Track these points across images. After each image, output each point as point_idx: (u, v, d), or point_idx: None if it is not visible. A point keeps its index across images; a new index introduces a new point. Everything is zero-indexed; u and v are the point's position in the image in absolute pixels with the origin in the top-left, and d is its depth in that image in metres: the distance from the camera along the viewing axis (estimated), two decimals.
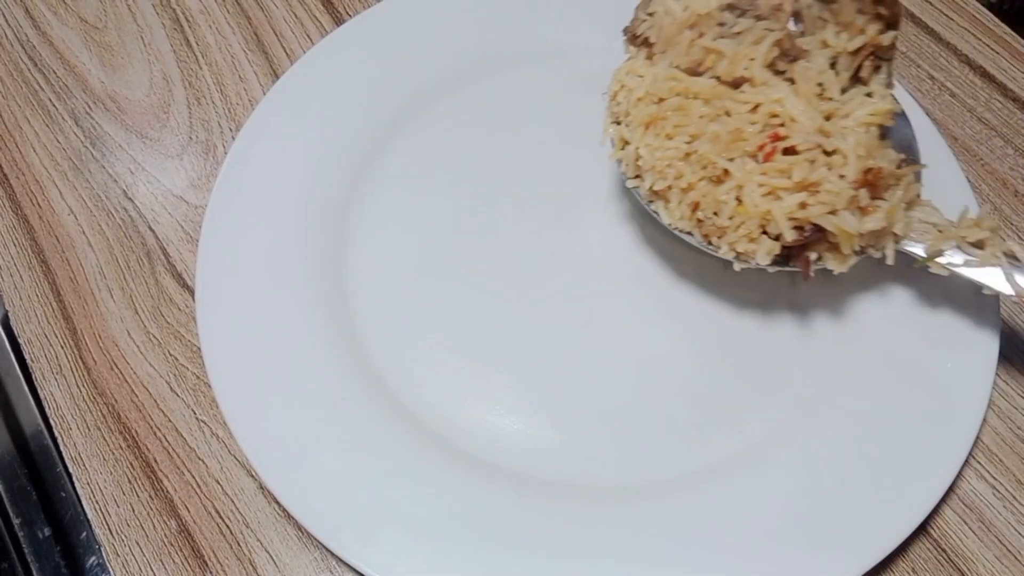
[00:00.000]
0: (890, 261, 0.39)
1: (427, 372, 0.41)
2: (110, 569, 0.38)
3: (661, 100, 0.39)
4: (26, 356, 0.43)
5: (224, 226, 0.43)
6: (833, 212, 0.36)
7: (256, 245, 0.43)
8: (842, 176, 0.36)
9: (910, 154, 0.41)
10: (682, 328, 0.43)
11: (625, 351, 0.42)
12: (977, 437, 0.39)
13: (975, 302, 0.41)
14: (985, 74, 0.51)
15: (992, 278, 0.37)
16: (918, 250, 0.39)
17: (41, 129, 0.49)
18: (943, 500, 0.38)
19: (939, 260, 0.38)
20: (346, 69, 0.48)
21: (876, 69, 0.38)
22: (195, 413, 0.41)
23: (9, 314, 0.44)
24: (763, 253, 0.37)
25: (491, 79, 0.49)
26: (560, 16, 0.50)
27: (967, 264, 0.38)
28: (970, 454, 0.39)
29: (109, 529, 0.39)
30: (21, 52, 0.52)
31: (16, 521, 0.41)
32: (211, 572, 0.38)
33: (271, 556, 0.38)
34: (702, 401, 0.41)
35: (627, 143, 0.40)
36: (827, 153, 0.36)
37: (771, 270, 0.38)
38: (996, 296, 0.41)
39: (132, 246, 0.45)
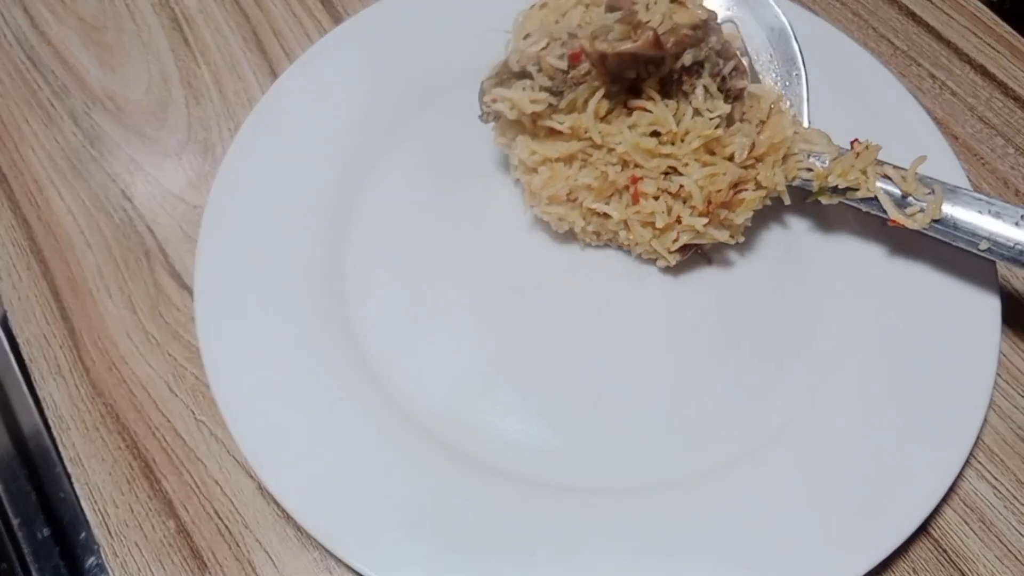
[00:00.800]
0: (787, 202, 0.42)
1: (427, 372, 0.41)
2: (109, 569, 0.38)
3: (532, 169, 0.42)
4: (25, 356, 0.43)
5: (223, 226, 0.43)
6: (701, 230, 0.41)
7: (255, 245, 0.43)
8: (694, 206, 0.40)
9: (794, 67, 0.43)
10: (682, 328, 0.43)
11: (625, 351, 0.42)
12: (978, 437, 0.39)
13: (975, 302, 0.41)
14: (986, 73, 0.51)
15: (872, 205, 0.40)
16: (809, 186, 0.42)
17: (40, 129, 0.49)
18: (944, 500, 0.38)
19: (827, 194, 0.41)
20: (345, 68, 0.48)
21: (697, 75, 0.40)
22: (194, 413, 0.41)
23: (8, 314, 0.44)
24: (663, 264, 0.43)
25: None
26: None
27: (849, 195, 0.41)
28: (971, 454, 0.39)
29: (108, 529, 0.39)
30: (20, 52, 0.52)
31: (15, 521, 0.41)
32: (210, 572, 0.38)
33: (270, 556, 0.38)
34: (701, 402, 0.41)
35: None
36: (674, 194, 0.41)
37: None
38: (997, 296, 0.41)
39: (131, 246, 0.45)
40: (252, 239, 0.43)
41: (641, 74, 0.40)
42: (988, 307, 0.41)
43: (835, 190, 0.41)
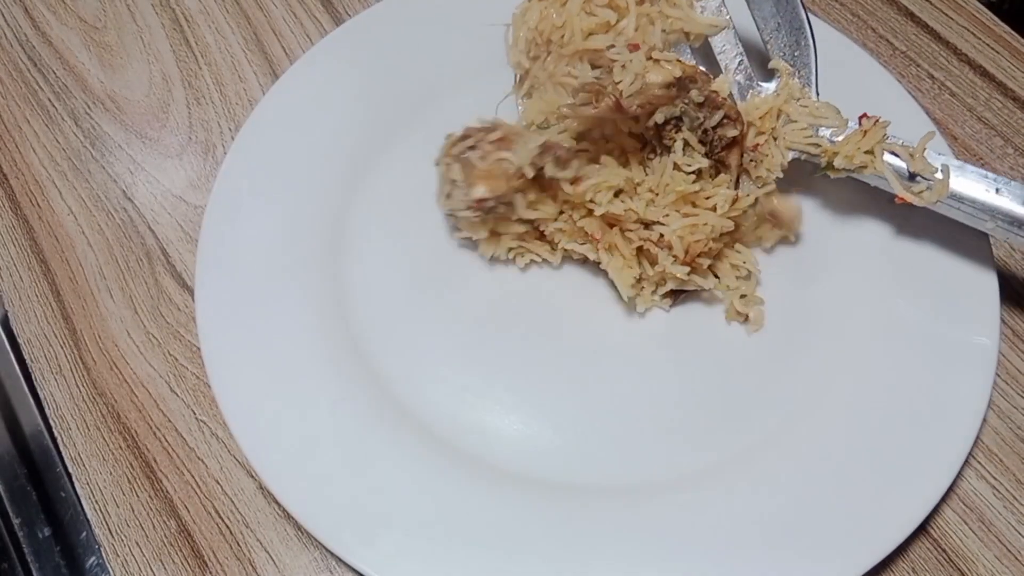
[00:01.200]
0: (808, 175, 0.42)
1: (427, 372, 0.41)
2: (110, 569, 0.38)
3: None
4: (26, 356, 0.43)
5: (224, 226, 0.43)
6: (684, 279, 0.41)
7: (256, 245, 0.43)
8: (676, 256, 0.40)
9: (802, 37, 0.42)
10: (680, 328, 0.43)
11: (624, 352, 0.42)
12: (977, 437, 0.39)
13: (975, 302, 0.41)
14: (985, 73, 0.51)
15: (881, 180, 0.40)
16: (817, 161, 0.41)
17: (41, 129, 0.49)
18: (943, 500, 0.38)
19: (835, 169, 0.41)
20: (346, 69, 0.48)
21: (677, 129, 0.40)
22: (195, 413, 0.41)
23: (9, 314, 0.44)
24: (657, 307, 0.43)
25: (494, 77, 0.49)
26: None
27: (857, 171, 0.40)
28: (970, 454, 0.39)
29: (109, 529, 0.39)
30: (20, 52, 0.52)
31: (16, 521, 0.41)
32: (211, 572, 0.38)
33: (271, 556, 0.38)
34: (701, 401, 0.41)
35: None
36: (656, 243, 0.40)
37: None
38: (996, 296, 0.41)
39: (132, 246, 0.45)
40: (253, 239, 0.43)
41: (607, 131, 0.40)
42: (988, 307, 0.41)
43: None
